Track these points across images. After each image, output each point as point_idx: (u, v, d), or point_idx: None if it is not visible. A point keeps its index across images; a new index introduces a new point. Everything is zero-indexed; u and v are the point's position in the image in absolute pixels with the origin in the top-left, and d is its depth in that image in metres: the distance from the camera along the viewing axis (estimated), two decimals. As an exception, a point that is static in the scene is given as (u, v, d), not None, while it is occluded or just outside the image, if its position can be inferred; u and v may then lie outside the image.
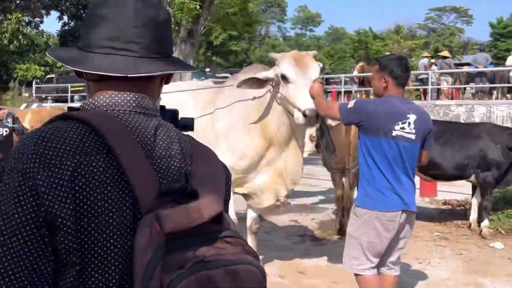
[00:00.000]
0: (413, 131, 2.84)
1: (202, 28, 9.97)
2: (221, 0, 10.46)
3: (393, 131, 2.81)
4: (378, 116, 2.83)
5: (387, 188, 2.83)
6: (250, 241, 4.38)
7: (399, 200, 2.84)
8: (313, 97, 3.27)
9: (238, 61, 38.39)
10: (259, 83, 3.60)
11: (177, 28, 9.69)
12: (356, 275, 2.98)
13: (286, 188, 4.00)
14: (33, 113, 10.33)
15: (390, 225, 2.84)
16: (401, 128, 2.82)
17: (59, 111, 10.10)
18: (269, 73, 3.61)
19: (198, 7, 9.34)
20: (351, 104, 2.97)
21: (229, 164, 3.96)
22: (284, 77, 3.44)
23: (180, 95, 4.62)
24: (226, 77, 24.36)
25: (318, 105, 3.20)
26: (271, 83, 3.68)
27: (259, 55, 46.06)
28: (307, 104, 3.26)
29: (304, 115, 3.24)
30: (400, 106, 2.87)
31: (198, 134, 4.16)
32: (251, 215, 4.36)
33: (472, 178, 5.61)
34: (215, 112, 4.11)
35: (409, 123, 2.84)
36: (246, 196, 4.23)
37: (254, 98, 3.82)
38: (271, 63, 3.77)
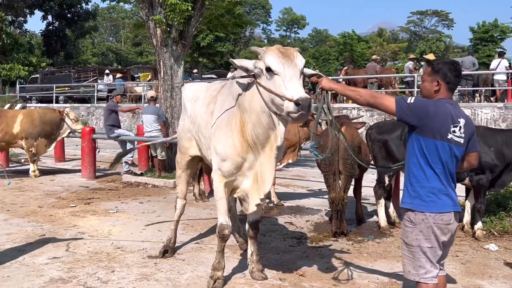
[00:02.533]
0: (462, 135, 2.90)
1: (193, 30, 9.90)
2: (210, 2, 10.41)
3: (449, 134, 2.86)
4: (437, 118, 2.85)
5: (439, 189, 2.87)
6: (250, 244, 4.41)
7: (450, 202, 2.90)
8: (328, 92, 3.28)
9: (223, 62, 38.32)
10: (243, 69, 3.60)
11: (168, 29, 9.62)
12: (418, 283, 2.94)
13: (259, 196, 3.87)
14: (24, 114, 10.14)
15: (445, 228, 2.88)
16: (453, 131, 2.88)
17: (51, 112, 9.90)
18: (248, 64, 3.55)
19: (190, 8, 9.28)
20: (411, 100, 2.90)
21: (215, 166, 4.00)
22: (269, 70, 3.37)
23: (197, 89, 4.84)
24: (212, 78, 24.42)
25: (358, 93, 3.08)
26: (249, 79, 3.64)
27: (244, 56, 45.99)
28: (299, 93, 3.20)
29: (297, 103, 3.15)
30: (452, 110, 2.90)
31: (201, 127, 4.42)
32: (247, 219, 4.36)
33: (466, 181, 5.67)
34: (215, 109, 4.11)
35: (460, 127, 2.89)
36: (240, 201, 4.19)
37: (239, 95, 3.77)
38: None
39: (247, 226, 4.36)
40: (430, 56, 17.93)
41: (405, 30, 68.96)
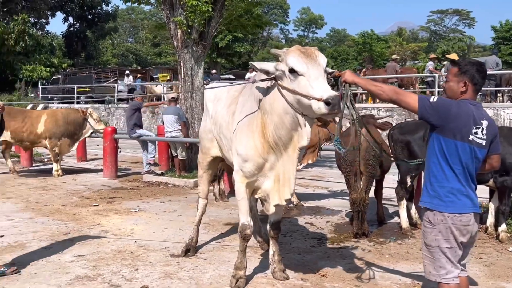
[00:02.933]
0: (484, 137, 2.88)
1: (213, 31, 9.97)
2: (230, 3, 10.47)
3: (470, 136, 2.85)
4: (459, 118, 2.83)
5: (458, 190, 2.86)
6: (271, 244, 4.44)
7: (470, 203, 2.89)
8: (347, 85, 3.23)
9: (241, 63, 38.45)
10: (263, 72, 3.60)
11: (189, 30, 9.70)
12: (439, 283, 2.94)
13: (280, 197, 3.84)
14: (48, 114, 10.34)
15: (464, 229, 2.87)
16: (475, 133, 2.86)
17: (74, 112, 10.07)
18: (269, 66, 3.53)
19: (210, 9, 9.34)
20: (434, 99, 2.87)
21: (237, 166, 4.04)
22: (292, 71, 3.34)
23: (218, 90, 4.90)
24: (230, 79, 24.49)
25: (381, 88, 3.02)
26: (269, 82, 3.63)
27: (262, 56, 46.09)
28: (327, 92, 3.17)
29: (328, 103, 3.12)
30: (475, 111, 2.89)
31: (223, 128, 4.45)
32: (269, 220, 4.38)
33: (490, 182, 5.60)
34: (236, 110, 4.11)
35: (482, 129, 2.87)
36: (262, 201, 4.17)
37: (260, 97, 3.76)
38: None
39: (268, 226, 4.38)
40: (454, 56, 17.68)
41: (425, 29, 68.23)
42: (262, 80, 3.71)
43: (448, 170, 2.87)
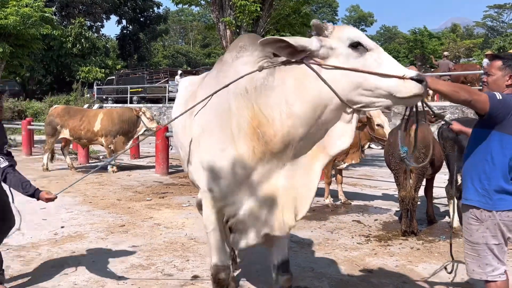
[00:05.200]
0: None
1: (262, 30, 10.11)
2: (278, 3, 10.57)
3: None
4: None
5: (503, 187, 2.82)
6: None
7: None
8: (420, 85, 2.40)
9: (289, 62, 38.45)
10: (286, 51, 2.48)
11: (237, 30, 9.87)
12: (486, 282, 2.91)
13: (280, 223, 2.70)
14: (104, 113, 10.83)
15: (511, 225, 2.85)
16: None
17: (128, 111, 10.48)
18: (310, 42, 2.47)
19: (258, 9, 9.48)
20: (499, 95, 2.77)
21: (204, 186, 2.87)
22: (356, 46, 2.44)
23: (183, 84, 3.91)
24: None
25: (457, 88, 2.70)
26: (296, 58, 2.50)
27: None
28: (410, 70, 2.43)
29: (420, 80, 2.35)
30: None
31: (178, 134, 3.39)
32: (271, 261, 3.13)
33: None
34: (195, 109, 2.97)
35: None
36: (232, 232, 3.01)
37: (251, 88, 2.66)
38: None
39: (274, 273, 3.11)
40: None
41: (481, 25, 65.63)
42: (283, 63, 2.59)
43: (500, 167, 2.81)
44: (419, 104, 2.73)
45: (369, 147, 7.61)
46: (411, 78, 2.34)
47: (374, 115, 7.08)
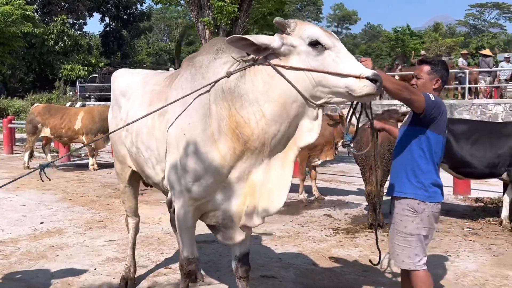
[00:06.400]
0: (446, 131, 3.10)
1: (240, 30, 10.33)
2: (257, 2, 10.80)
3: (446, 130, 3.06)
4: (445, 114, 3.02)
5: (437, 181, 3.04)
6: (241, 287, 3.28)
7: (441, 191, 3.08)
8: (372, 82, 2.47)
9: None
10: (251, 49, 2.58)
11: (216, 30, 10.08)
12: (413, 271, 3.02)
13: (253, 215, 2.81)
14: (85, 111, 10.95)
15: (438, 216, 3.09)
16: (447, 127, 3.08)
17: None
18: (272, 40, 2.55)
19: (236, 10, 9.69)
20: (433, 97, 2.93)
21: (180, 187, 2.92)
22: (315, 44, 2.51)
23: (130, 83, 3.73)
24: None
25: (401, 87, 2.81)
26: (257, 57, 2.61)
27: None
28: (367, 68, 2.50)
29: (374, 80, 2.43)
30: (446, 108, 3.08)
31: (142, 135, 3.26)
32: (233, 253, 3.28)
33: (504, 176, 5.73)
34: (167, 110, 3.00)
35: (447, 125, 3.08)
36: (212, 227, 3.13)
37: (226, 89, 2.73)
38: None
39: (234, 264, 3.27)
40: (487, 52, 17.49)
41: (463, 24, 66.61)
42: (241, 68, 2.68)
43: (432, 163, 3.02)
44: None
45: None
46: (367, 78, 2.44)
47: (346, 113, 7.35)
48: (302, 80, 2.54)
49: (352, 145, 3.12)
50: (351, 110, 2.86)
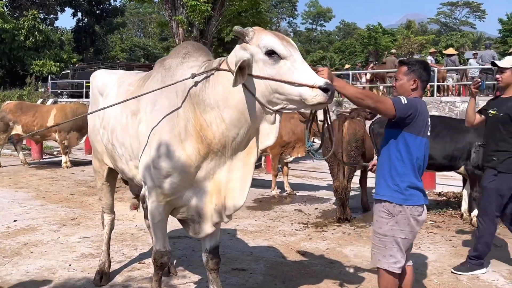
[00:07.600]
0: (428, 132, 3.09)
1: (213, 29, 10.45)
2: (231, 1, 10.93)
3: (427, 131, 3.05)
4: (422, 115, 3.00)
5: (416, 183, 3.01)
6: (211, 280, 3.43)
7: (422, 195, 3.06)
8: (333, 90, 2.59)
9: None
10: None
11: (189, 28, 10.17)
12: (386, 271, 3.03)
13: (221, 212, 3.03)
14: (58, 109, 10.91)
15: (420, 219, 3.03)
16: (428, 129, 3.09)
17: (82, 106, 10.63)
18: (244, 54, 2.67)
19: (209, 8, 9.81)
20: (404, 100, 2.95)
21: (152, 183, 3.08)
22: (271, 53, 2.63)
23: (106, 82, 3.94)
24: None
25: (361, 95, 2.86)
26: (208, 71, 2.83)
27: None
28: (320, 78, 2.59)
29: (326, 89, 2.53)
30: (426, 108, 3.10)
31: (116, 132, 3.43)
32: (204, 246, 3.42)
33: (462, 169, 6.04)
34: (139, 110, 3.22)
35: (428, 125, 3.08)
36: (183, 222, 3.30)
37: (191, 93, 2.91)
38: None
39: (204, 256, 3.40)
40: (450, 51, 18.02)
41: (435, 22, 67.93)
42: (204, 71, 2.89)
43: (410, 165, 2.98)
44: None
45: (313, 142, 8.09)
46: (319, 87, 2.54)
47: (317, 112, 7.57)
48: (259, 87, 2.69)
49: (314, 151, 3.17)
50: (311, 118, 3.06)
